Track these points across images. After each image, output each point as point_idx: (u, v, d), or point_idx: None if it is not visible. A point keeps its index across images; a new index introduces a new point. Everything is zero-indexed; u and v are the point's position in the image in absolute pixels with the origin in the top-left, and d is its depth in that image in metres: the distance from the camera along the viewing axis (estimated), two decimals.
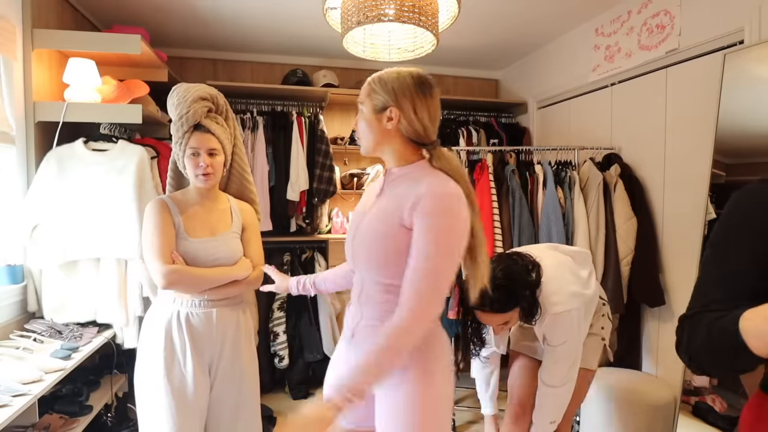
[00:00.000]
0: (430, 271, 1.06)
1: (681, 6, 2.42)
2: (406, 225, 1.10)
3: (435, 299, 1.07)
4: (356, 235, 1.22)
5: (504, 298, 1.59)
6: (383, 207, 1.18)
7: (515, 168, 2.92)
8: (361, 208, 1.28)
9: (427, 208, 1.07)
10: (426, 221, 1.07)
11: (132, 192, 2.15)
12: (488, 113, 3.97)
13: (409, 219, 1.10)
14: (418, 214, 1.08)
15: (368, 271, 1.20)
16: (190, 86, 1.63)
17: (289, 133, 3.28)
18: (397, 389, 1.15)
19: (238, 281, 1.64)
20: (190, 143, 1.59)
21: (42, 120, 2.17)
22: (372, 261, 1.17)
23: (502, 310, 1.61)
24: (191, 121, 1.59)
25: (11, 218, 2.10)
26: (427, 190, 1.09)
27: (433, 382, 1.16)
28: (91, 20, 2.85)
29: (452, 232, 1.08)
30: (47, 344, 1.91)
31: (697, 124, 2.33)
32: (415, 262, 1.07)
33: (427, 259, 1.06)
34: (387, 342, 1.05)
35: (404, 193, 1.13)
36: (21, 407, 1.45)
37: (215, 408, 1.63)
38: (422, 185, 1.10)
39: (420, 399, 1.14)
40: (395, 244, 1.11)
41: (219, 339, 1.61)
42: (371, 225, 1.18)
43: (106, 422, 2.28)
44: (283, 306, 3.19)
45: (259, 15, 2.97)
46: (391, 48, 2.01)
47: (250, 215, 1.77)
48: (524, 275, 1.63)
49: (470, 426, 2.89)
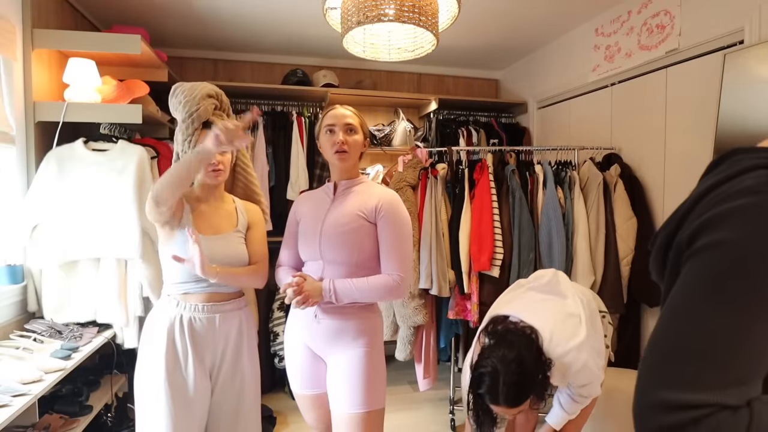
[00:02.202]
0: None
1: (681, 6, 2.42)
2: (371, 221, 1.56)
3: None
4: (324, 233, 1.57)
5: (518, 393, 1.48)
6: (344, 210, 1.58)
7: (515, 168, 2.91)
8: (313, 213, 1.63)
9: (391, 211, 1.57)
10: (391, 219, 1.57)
11: (132, 192, 2.15)
12: (488, 113, 3.97)
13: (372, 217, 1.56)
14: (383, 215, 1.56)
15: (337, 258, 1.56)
16: (195, 84, 1.63)
17: (289, 133, 3.28)
18: (353, 351, 1.54)
19: (241, 267, 1.62)
20: (200, 141, 1.59)
21: (42, 120, 2.17)
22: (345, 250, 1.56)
23: (516, 404, 1.49)
24: (202, 117, 1.59)
25: (11, 218, 2.10)
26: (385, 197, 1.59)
27: (378, 351, 1.59)
28: (91, 20, 2.85)
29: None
30: (47, 344, 1.91)
31: (697, 124, 2.33)
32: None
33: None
34: (375, 285, 1.51)
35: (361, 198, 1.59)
36: (21, 407, 1.45)
37: (215, 413, 1.63)
38: (375, 194, 1.59)
39: (368, 358, 1.54)
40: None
41: (221, 344, 1.61)
42: (338, 223, 1.56)
43: (106, 422, 2.28)
44: (283, 306, 3.19)
45: (259, 15, 2.97)
46: (391, 48, 2.01)
47: (255, 213, 1.77)
48: (537, 362, 1.52)
49: None
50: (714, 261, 0.51)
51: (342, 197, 1.61)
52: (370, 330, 1.59)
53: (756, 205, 0.51)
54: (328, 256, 1.55)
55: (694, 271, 0.53)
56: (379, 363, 1.59)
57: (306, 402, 1.66)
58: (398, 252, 1.54)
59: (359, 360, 1.54)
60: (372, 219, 1.56)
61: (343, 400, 1.52)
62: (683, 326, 0.51)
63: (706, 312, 0.50)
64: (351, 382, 1.52)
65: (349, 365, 1.54)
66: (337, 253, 1.54)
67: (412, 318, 2.83)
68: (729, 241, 0.51)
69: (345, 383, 1.53)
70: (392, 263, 1.54)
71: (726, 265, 0.50)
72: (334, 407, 1.55)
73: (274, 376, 3.25)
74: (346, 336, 1.56)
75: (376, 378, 1.56)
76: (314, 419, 1.68)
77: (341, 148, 1.57)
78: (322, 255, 1.56)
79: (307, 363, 1.63)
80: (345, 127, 1.59)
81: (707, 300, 0.50)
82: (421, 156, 2.99)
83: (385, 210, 1.55)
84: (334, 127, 1.59)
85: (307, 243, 1.60)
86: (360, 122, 1.64)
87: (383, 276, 1.53)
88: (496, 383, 1.46)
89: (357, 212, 1.55)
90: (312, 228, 1.59)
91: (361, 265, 1.55)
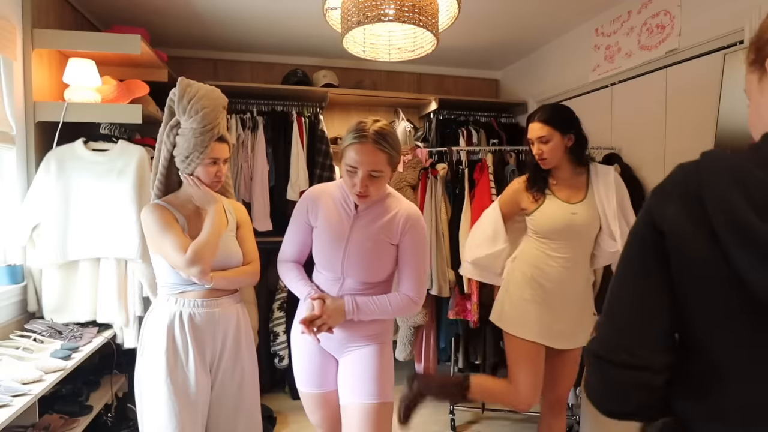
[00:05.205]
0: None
1: (681, 6, 2.42)
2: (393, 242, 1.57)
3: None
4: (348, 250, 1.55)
5: (555, 112, 1.90)
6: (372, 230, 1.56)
7: (515, 168, 2.92)
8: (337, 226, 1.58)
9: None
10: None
11: (132, 192, 2.15)
12: (488, 113, 3.97)
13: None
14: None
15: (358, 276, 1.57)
16: (212, 91, 1.60)
17: (289, 133, 3.28)
18: (366, 348, 1.58)
19: (239, 269, 1.66)
20: (212, 153, 1.58)
21: (42, 120, 2.17)
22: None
23: (547, 121, 1.88)
24: (220, 132, 1.59)
25: (11, 218, 2.10)
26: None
27: (389, 348, 1.65)
28: (91, 20, 2.85)
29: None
30: (47, 344, 1.91)
31: (697, 124, 2.33)
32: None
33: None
34: (396, 306, 1.55)
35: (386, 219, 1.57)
36: (21, 407, 1.45)
37: (216, 407, 1.63)
38: (400, 214, 1.57)
39: (380, 354, 1.59)
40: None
41: (220, 338, 1.62)
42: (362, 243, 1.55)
43: (106, 422, 2.28)
44: (283, 306, 3.19)
45: (259, 15, 2.97)
46: (391, 48, 2.01)
47: (242, 212, 1.80)
48: (579, 125, 1.93)
49: (470, 426, 2.89)
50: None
51: (365, 214, 1.57)
52: (384, 330, 1.63)
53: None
54: (350, 273, 1.55)
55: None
56: (390, 359, 1.63)
57: (312, 401, 1.65)
58: (419, 273, 1.58)
59: (373, 354, 1.57)
60: (395, 241, 1.56)
61: (357, 391, 1.54)
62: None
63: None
64: (366, 373, 1.55)
65: (364, 358, 1.57)
66: (358, 273, 1.55)
67: (412, 318, 2.83)
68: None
69: (359, 374, 1.55)
70: (411, 283, 1.57)
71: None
72: (346, 398, 1.56)
73: (274, 376, 3.25)
74: (360, 336, 1.58)
75: (388, 372, 1.60)
76: (320, 419, 1.67)
77: (362, 194, 1.47)
78: (343, 272, 1.56)
79: (316, 361, 1.62)
80: (369, 173, 1.44)
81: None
82: (421, 156, 2.99)
83: (409, 232, 1.55)
84: (356, 170, 1.44)
85: (328, 258, 1.58)
86: (388, 159, 1.46)
87: (404, 298, 1.56)
88: (543, 107, 1.97)
89: (383, 236, 1.54)
90: (335, 245, 1.55)
91: (377, 280, 1.59)
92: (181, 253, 1.49)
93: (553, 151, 1.89)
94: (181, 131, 1.58)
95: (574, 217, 1.90)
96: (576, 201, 1.93)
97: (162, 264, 1.59)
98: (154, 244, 1.57)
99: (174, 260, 1.51)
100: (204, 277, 1.52)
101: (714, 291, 0.62)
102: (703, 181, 0.62)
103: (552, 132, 1.88)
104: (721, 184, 0.60)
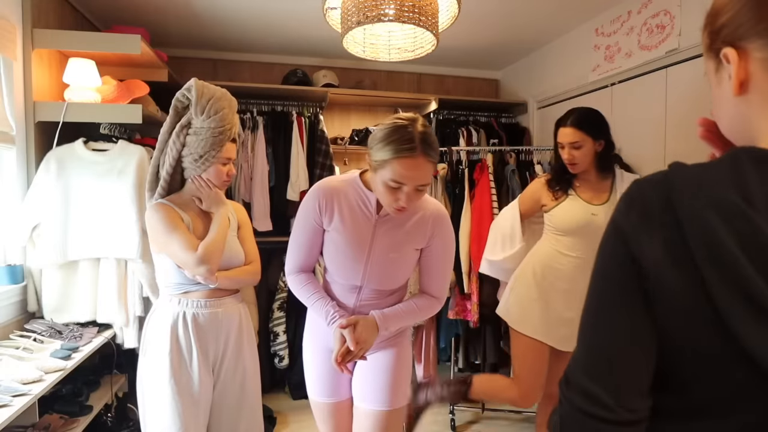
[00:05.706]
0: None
1: (681, 6, 2.42)
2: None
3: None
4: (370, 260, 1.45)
5: (587, 117, 1.90)
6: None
7: (515, 168, 2.92)
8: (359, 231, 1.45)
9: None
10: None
11: (132, 192, 2.15)
12: (488, 113, 3.97)
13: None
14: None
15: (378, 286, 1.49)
16: (226, 93, 1.62)
17: (289, 133, 3.28)
18: (383, 351, 1.52)
19: (241, 269, 1.67)
20: (225, 154, 1.59)
21: (42, 120, 2.17)
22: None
23: (579, 126, 1.87)
24: (234, 134, 1.61)
25: (11, 218, 2.10)
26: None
27: (405, 350, 1.59)
28: (91, 20, 2.85)
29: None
30: (47, 344, 1.91)
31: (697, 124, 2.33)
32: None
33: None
34: (424, 310, 1.50)
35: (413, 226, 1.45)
36: (21, 407, 1.45)
37: (218, 405, 1.64)
38: (427, 216, 1.46)
39: (397, 355, 1.54)
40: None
41: (223, 338, 1.62)
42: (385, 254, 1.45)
43: (106, 422, 2.28)
44: (283, 306, 3.19)
45: (259, 15, 2.97)
46: (391, 48, 2.01)
47: (242, 212, 1.80)
48: (609, 131, 1.94)
49: (470, 426, 2.89)
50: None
51: (388, 218, 1.41)
52: (402, 331, 1.58)
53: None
54: (370, 283, 1.46)
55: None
56: (407, 360, 1.59)
57: (324, 410, 1.59)
58: (446, 273, 1.53)
59: (389, 358, 1.52)
60: (423, 245, 1.47)
61: (370, 398, 1.49)
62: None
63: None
64: (378, 381, 1.50)
65: (378, 362, 1.51)
66: (379, 282, 1.46)
67: None
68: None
69: (372, 381, 1.50)
70: (438, 284, 1.52)
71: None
72: (359, 401, 1.52)
73: (274, 376, 3.25)
74: (377, 341, 1.48)
75: (403, 376, 1.55)
76: (331, 427, 1.60)
77: (402, 208, 1.31)
78: (363, 282, 1.45)
79: (330, 370, 1.51)
80: (416, 188, 1.28)
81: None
82: None
83: (438, 235, 1.46)
84: (401, 186, 1.27)
85: (346, 268, 1.45)
86: (434, 167, 1.33)
87: (431, 299, 1.51)
88: (574, 110, 1.96)
89: (409, 244, 1.44)
90: (356, 254, 1.42)
91: (397, 287, 1.52)
92: (190, 252, 1.49)
93: (584, 156, 1.89)
94: (193, 131, 1.56)
95: (594, 218, 1.90)
96: (598, 203, 1.93)
97: (166, 264, 1.58)
98: (160, 243, 1.56)
99: (182, 259, 1.51)
100: (210, 276, 1.52)
101: (702, 337, 0.52)
102: (684, 215, 0.51)
103: (584, 137, 1.87)
104: (709, 222, 0.49)
